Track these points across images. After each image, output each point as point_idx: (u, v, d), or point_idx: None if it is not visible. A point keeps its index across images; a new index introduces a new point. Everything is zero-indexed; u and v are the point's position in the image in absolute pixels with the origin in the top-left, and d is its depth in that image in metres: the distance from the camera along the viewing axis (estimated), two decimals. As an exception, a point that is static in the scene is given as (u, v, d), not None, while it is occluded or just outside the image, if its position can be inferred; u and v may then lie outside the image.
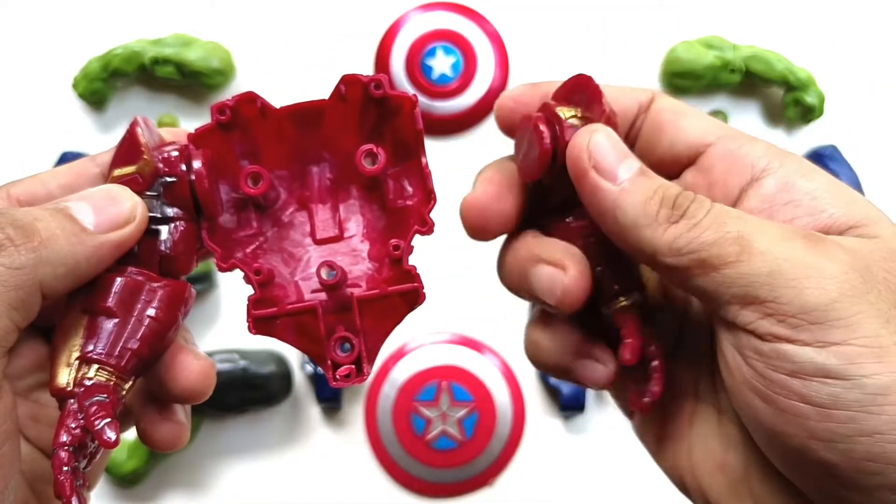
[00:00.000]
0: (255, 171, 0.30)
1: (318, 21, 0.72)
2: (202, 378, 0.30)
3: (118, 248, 0.28)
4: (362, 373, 0.29)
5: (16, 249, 0.26)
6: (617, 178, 0.28)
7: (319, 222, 0.31)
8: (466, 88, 0.70)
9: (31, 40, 0.71)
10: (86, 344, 0.28)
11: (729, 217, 0.27)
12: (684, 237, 0.27)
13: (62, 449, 0.26)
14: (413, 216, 0.30)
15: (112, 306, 0.28)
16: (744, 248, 0.26)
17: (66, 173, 0.31)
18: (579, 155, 0.29)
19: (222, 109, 0.30)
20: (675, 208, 0.28)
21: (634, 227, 0.28)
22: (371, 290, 0.30)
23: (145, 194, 0.29)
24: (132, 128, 0.29)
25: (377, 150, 0.30)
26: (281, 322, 0.29)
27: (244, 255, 0.30)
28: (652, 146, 0.32)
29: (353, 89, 0.30)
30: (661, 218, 0.28)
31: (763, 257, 0.26)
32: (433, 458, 0.67)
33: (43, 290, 0.27)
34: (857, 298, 0.25)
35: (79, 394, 0.27)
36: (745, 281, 0.26)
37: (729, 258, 0.26)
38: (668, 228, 0.27)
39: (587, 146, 0.29)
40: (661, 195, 0.28)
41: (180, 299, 0.29)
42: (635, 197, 0.28)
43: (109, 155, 0.31)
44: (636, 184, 0.28)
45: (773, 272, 0.26)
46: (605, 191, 0.28)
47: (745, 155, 0.30)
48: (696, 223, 0.27)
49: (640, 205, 0.28)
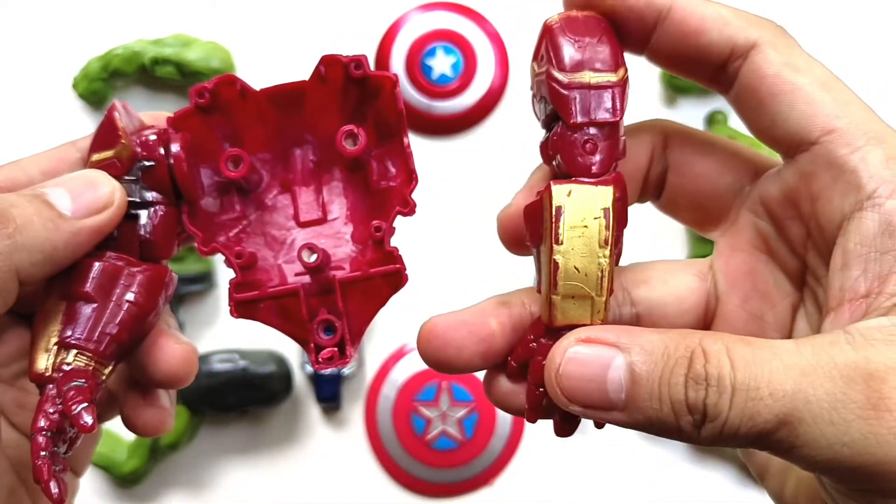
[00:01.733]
0: (236, 154, 0.29)
1: (318, 21, 0.72)
2: (184, 363, 0.30)
3: (96, 234, 0.28)
4: (345, 355, 0.29)
5: None
6: (614, 404, 0.24)
7: (303, 205, 0.31)
8: (466, 88, 0.70)
9: (31, 40, 0.71)
10: (64, 329, 0.27)
11: (759, 397, 0.22)
12: (722, 438, 0.23)
13: (40, 434, 0.26)
14: (396, 197, 0.29)
15: (90, 291, 0.28)
16: (791, 435, 0.22)
17: (47, 159, 0.31)
18: (559, 400, 0.25)
19: (201, 92, 0.29)
20: (692, 412, 0.23)
21: (667, 436, 0.24)
22: (353, 272, 0.29)
23: (124, 179, 0.29)
24: (109, 112, 0.29)
25: (357, 130, 0.29)
26: (264, 305, 0.29)
27: (227, 238, 0.30)
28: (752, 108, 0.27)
29: (334, 70, 0.30)
30: (684, 427, 0.23)
31: (817, 445, 0.22)
32: (433, 458, 0.67)
33: (20, 277, 0.26)
34: None
35: (57, 379, 0.27)
36: (812, 467, 0.23)
37: (783, 445, 0.23)
38: (699, 433, 0.23)
39: (560, 392, 0.25)
40: (668, 401, 0.23)
41: (160, 283, 0.29)
42: (646, 415, 0.24)
43: (89, 140, 0.30)
44: (637, 400, 0.24)
45: (833, 461, 0.22)
46: (613, 421, 0.25)
47: (852, 170, 0.25)
48: (724, 423, 0.23)
49: (658, 420, 0.24)
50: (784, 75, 0.26)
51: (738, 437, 0.23)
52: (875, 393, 0.22)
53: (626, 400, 0.24)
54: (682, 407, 0.23)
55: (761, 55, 0.26)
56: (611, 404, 0.24)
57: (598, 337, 0.25)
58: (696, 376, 0.23)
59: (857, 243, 0.24)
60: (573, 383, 0.25)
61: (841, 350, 0.23)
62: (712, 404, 0.23)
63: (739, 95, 0.27)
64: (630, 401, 0.24)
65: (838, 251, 0.25)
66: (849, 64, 0.72)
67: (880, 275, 0.24)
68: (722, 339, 0.24)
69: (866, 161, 0.24)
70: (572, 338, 0.25)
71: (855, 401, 0.22)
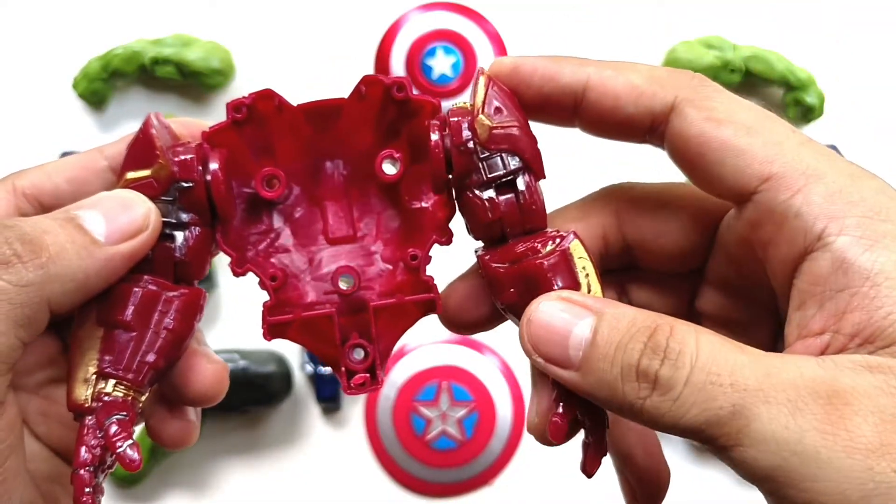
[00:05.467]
0: (271, 174, 0.29)
1: (318, 21, 0.72)
2: (216, 382, 0.30)
3: (130, 260, 0.27)
4: (376, 380, 0.28)
5: (23, 266, 0.25)
6: (571, 362, 0.24)
7: (332, 220, 0.30)
8: (466, 88, 0.70)
9: (31, 40, 0.71)
10: (102, 358, 0.27)
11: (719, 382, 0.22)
12: (668, 416, 0.23)
13: (83, 469, 0.26)
14: (428, 220, 0.29)
15: (129, 320, 0.27)
16: (741, 430, 0.22)
17: (73, 166, 0.30)
18: (524, 348, 0.26)
19: (238, 107, 0.29)
20: (641, 379, 0.23)
21: (612, 407, 0.24)
22: (387, 298, 0.29)
23: (160, 199, 0.28)
24: (146, 128, 0.28)
25: (397, 156, 0.29)
26: (295, 326, 0.29)
27: (256, 252, 0.30)
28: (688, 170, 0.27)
29: (374, 89, 0.29)
30: (628, 393, 0.23)
31: (765, 447, 0.21)
32: (433, 458, 0.67)
33: (51, 307, 0.26)
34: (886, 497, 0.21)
35: (97, 409, 0.27)
36: (748, 470, 0.22)
37: (728, 441, 0.22)
38: (643, 405, 0.23)
39: (526, 338, 0.26)
40: (619, 364, 0.23)
41: (196, 308, 0.29)
42: (596, 376, 0.24)
43: (117, 147, 0.30)
44: (591, 360, 0.24)
45: (778, 468, 0.21)
46: (565, 378, 0.25)
47: (796, 214, 0.24)
48: (676, 398, 0.22)
49: (606, 383, 0.24)
50: (707, 132, 0.25)
51: (685, 420, 0.22)
52: (836, 411, 0.21)
53: (581, 359, 0.24)
54: (630, 372, 0.23)
55: (680, 117, 0.26)
56: (568, 361, 0.24)
57: (577, 299, 0.25)
58: (654, 346, 0.23)
59: (811, 283, 0.24)
60: (540, 332, 0.25)
61: (809, 366, 0.22)
62: (666, 376, 0.23)
63: (673, 157, 0.27)
64: (585, 361, 0.24)
65: (794, 292, 0.25)
66: (849, 64, 0.72)
67: (836, 312, 0.23)
68: (695, 327, 0.24)
69: (809, 202, 0.24)
70: (555, 294, 0.26)
71: (815, 413, 0.21)
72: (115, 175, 0.30)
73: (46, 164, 0.30)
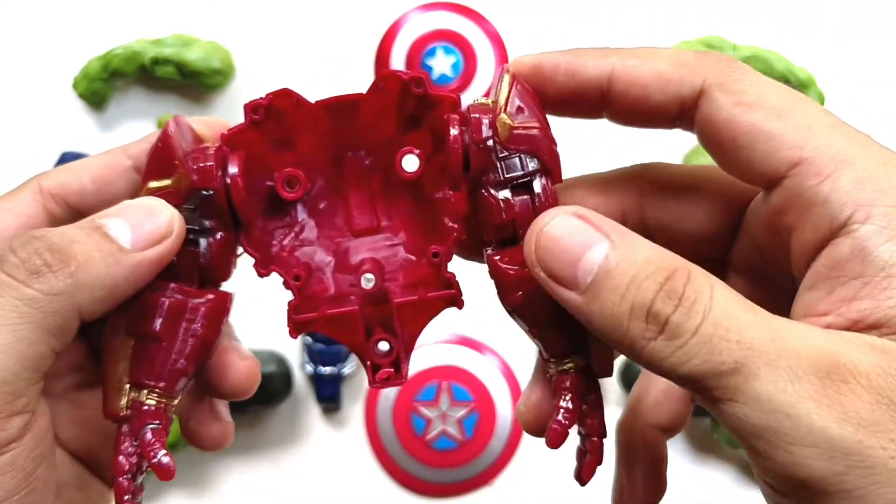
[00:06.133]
0: (292, 175, 0.29)
1: (318, 21, 0.72)
2: (249, 377, 0.31)
3: (156, 265, 0.27)
4: (401, 373, 0.29)
5: (53, 275, 0.25)
6: (578, 284, 0.24)
7: (356, 211, 0.30)
8: (466, 88, 0.70)
9: (31, 40, 0.71)
10: (133, 368, 0.28)
11: (727, 338, 0.22)
12: (667, 361, 0.22)
13: (122, 476, 0.27)
14: (450, 210, 0.29)
15: (158, 331, 0.27)
16: (739, 387, 0.22)
17: (98, 165, 0.30)
18: (529, 259, 0.25)
19: (256, 109, 0.29)
20: (650, 320, 0.23)
21: (611, 339, 0.24)
22: (410, 291, 0.29)
23: (182, 207, 0.28)
24: (166, 136, 0.28)
25: (417, 152, 0.29)
26: (320, 322, 0.29)
27: (280, 247, 0.30)
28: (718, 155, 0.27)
29: (391, 83, 0.29)
30: (633, 330, 0.23)
31: (759, 406, 0.22)
32: (433, 458, 0.67)
33: (81, 314, 0.26)
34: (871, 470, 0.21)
35: (131, 417, 0.27)
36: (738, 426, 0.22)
37: (723, 394, 0.22)
38: (646, 346, 0.23)
39: (534, 248, 0.25)
40: (631, 300, 0.23)
41: (223, 311, 0.29)
42: (603, 306, 0.23)
43: (141, 146, 0.30)
44: (601, 289, 0.23)
45: (768, 428, 0.22)
46: (566, 298, 0.24)
47: (823, 201, 0.24)
48: (682, 346, 0.22)
49: (612, 315, 0.23)
50: (737, 117, 0.25)
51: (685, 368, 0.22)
52: (833, 385, 0.21)
53: (590, 284, 0.23)
54: (641, 311, 0.23)
55: (709, 101, 0.26)
56: (574, 283, 0.24)
57: (595, 220, 0.24)
58: (671, 290, 0.23)
59: (827, 266, 0.24)
60: (550, 245, 0.24)
61: (815, 336, 0.22)
62: (677, 322, 0.22)
63: (702, 141, 0.27)
64: (593, 287, 0.23)
65: (809, 273, 0.25)
66: (849, 64, 0.72)
67: (844, 298, 0.23)
68: (711, 276, 0.23)
69: (837, 189, 0.24)
70: (572, 209, 0.25)
71: (813, 384, 0.21)
72: (138, 174, 0.30)
73: (71, 164, 0.31)
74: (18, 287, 0.25)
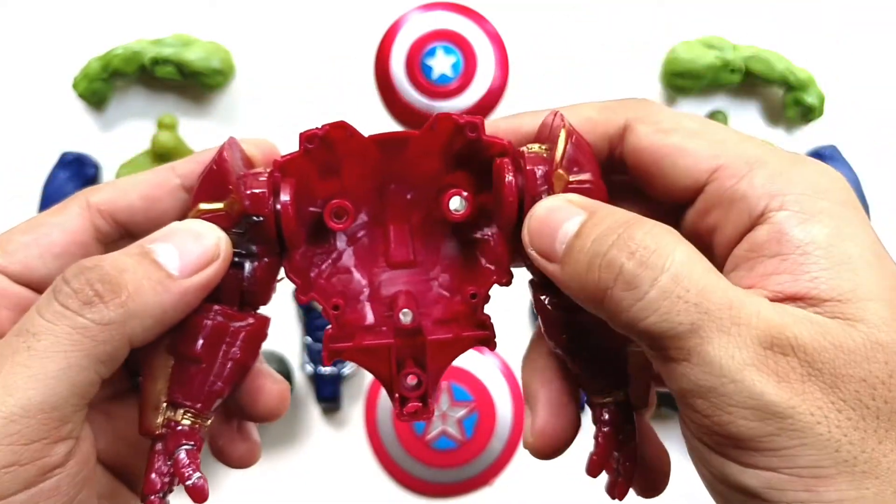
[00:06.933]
0: (340, 206, 0.29)
1: (318, 21, 0.72)
2: (281, 400, 0.31)
3: (203, 290, 0.28)
4: (428, 408, 0.29)
5: (105, 306, 0.26)
6: (555, 254, 0.26)
7: (394, 244, 0.31)
8: (466, 88, 0.70)
9: (31, 40, 0.71)
10: (172, 387, 0.28)
11: (686, 298, 0.23)
12: (628, 314, 0.24)
13: (153, 495, 0.27)
14: (489, 253, 0.29)
15: (199, 352, 0.28)
16: (693, 349, 0.23)
17: (147, 183, 0.31)
18: (524, 242, 0.27)
19: (311, 139, 0.29)
20: (604, 268, 0.24)
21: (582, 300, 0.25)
22: (443, 327, 0.30)
23: (231, 231, 0.28)
24: (221, 160, 0.28)
25: (465, 194, 0.29)
26: (352, 351, 0.29)
27: (319, 273, 0.30)
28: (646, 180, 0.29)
29: (445, 124, 0.29)
30: (595, 285, 0.24)
31: (708, 369, 0.23)
32: (433, 458, 0.67)
33: (131, 342, 0.27)
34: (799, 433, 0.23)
35: (166, 435, 0.28)
36: (684, 385, 0.24)
37: (678, 354, 0.24)
38: (605, 295, 0.24)
39: (527, 231, 0.27)
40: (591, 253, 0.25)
41: (261, 336, 0.29)
42: (571, 267, 0.25)
43: (189, 166, 0.30)
44: (570, 252, 0.25)
45: (712, 390, 0.23)
46: (550, 271, 0.26)
47: (741, 197, 0.26)
48: (641, 297, 0.24)
49: (577, 273, 0.25)
50: (658, 141, 0.28)
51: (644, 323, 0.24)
52: (773, 356, 0.23)
53: (564, 251, 0.26)
54: (596, 260, 0.24)
55: (633, 133, 0.28)
56: (553, 254, 0.26)
57: (577, 200, 0.27)
58: (626, 237, 0.24)
59: (747, 250, 0.26)
60: (537, 226, 0.27)
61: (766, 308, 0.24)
62: (633, 272, 0.24)
63: (631, 171, 0.29)
64: (566, 253, 0.25)
65: (731, 258, 0.26)
66: (849, 64, 0.72)
67: (764, 273, 0.25)
68: (676, 234, 0.25)
69: (753, 185, 0.26)
70: (564, 195, 0.27)
71: (758, 353, 0.23)
72: (186, 192, 0.31)
73: (119, 181, 0.31)
74: (72, 317, 0.26)
